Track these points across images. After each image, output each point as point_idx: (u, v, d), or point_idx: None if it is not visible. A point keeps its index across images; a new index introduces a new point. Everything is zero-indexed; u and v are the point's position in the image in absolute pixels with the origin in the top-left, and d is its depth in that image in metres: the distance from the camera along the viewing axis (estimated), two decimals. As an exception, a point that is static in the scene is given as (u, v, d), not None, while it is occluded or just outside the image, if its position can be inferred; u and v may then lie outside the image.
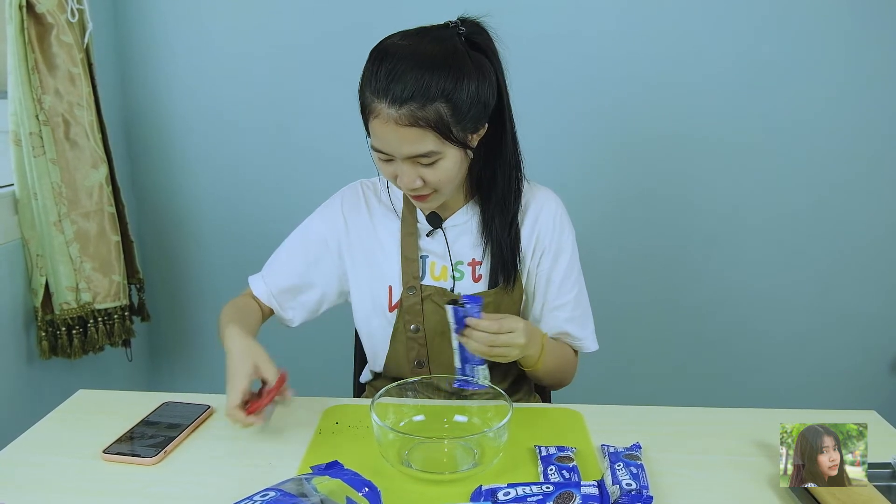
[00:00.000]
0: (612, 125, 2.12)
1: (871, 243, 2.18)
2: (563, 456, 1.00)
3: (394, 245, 1.27)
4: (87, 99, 1.73)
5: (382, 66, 1.04)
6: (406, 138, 1.04)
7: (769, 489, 0.96)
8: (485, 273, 1.26)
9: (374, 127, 1.07)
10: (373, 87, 1.05)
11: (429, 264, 1.27)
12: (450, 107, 1.04)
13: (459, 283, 1.26)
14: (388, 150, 1.08)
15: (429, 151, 1.06)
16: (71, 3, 1.67)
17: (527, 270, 1.29)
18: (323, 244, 1.31)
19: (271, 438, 1.09)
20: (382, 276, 1.27)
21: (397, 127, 1.03)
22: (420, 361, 1.28)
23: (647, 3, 2.01)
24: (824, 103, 2.07)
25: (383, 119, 1.04)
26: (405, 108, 1.02)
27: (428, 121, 1.03)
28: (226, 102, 2.14)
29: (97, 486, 0.96)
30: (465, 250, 1.27)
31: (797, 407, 1.20)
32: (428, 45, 1.05)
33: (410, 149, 1.06)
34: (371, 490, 0.83)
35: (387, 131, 1.05)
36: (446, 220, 1.28)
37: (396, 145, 1.06)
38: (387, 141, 1.06)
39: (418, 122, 1.03)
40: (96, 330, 1.79)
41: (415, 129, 1.03)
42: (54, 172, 1.66)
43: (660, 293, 2.26)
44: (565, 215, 1.30)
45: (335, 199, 1.34)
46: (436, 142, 1.06)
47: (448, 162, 1.09)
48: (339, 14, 2.05)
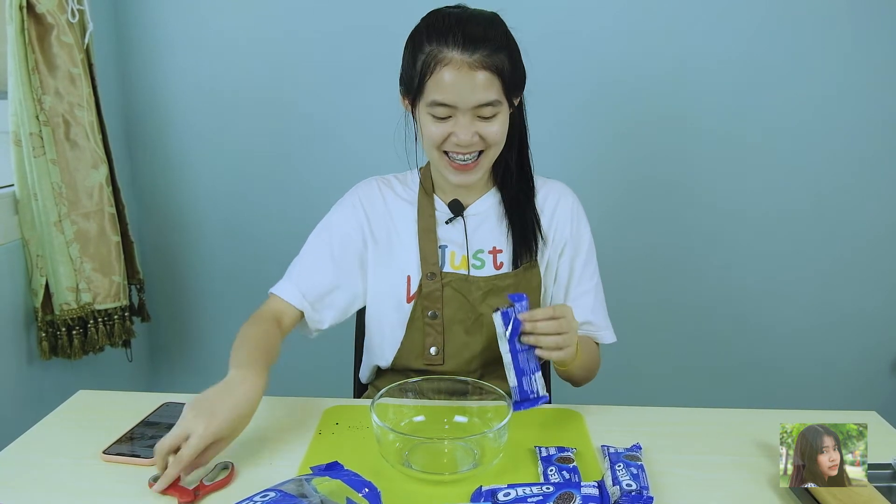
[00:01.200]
0: (613, 123, 2.12)
1: (873, 243, 2.18)
2: (563, 457, 1.00)
3: (411, 235, 1.28)
4: (87, 99, 1.72)
5: (451, 20, 1.10)
6: (478, 83, 1.09)
7: (770, 490, 0.96)
8: (506, 260, 1.27)
9: (440, 77, 1.09)
10: (442, 37, 1.09)
11: (448, 254, 1.27)
12: (510, 61, 1.11)
13: (479, 272, 1.27)
14: (453, 100, 1.10)
15: (493, 100, 1.11)
16: (71, 4, 1.67)
17: (546, 260, 1.30)
18: (347, 238, 1.29)
19: (271, 439, 1.09)
20: (400, 266, 1.28)
21: (470, 72, 1.08)
22: (436, 349, 1.27)
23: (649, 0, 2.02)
24: (826, 102, 2.07)
25: (455, 65, 1.08)
26: (478, 54, 1.08)
27: (497, 68, 1.09)
28: (226, 103, 2.14)
29: (97, 487, 0.96)
30: (486, 238, 1.28)
31: (798, 407, 1.20)
32: (482, 13, 1.14)
33: (480, 95, 1.10)
34: (371, 491, 0.83)
35: (458, 78, 1.08)
36: (468, 206, 1.29)
37: (467, 92, 1.09)
38: (456, 89, 1.09)
39: (489, 67, 1.08)
40: (96, 330, 1.79)
41: (486, 73, 1.08)
42: (54, 173, 1.66)
43: (660, 293, 2.26)
44: (581, 208, 1.34)
45: (351, 194, 1.34)
46: (500, 91, 1.11)
47: (502, 118, 1.15)
48: (339, 15, 2.05)
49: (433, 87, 1.11)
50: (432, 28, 1.12)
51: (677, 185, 2.16)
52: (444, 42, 1.08)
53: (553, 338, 1.05)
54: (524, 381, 1.08)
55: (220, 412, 0.95)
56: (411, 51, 1.15)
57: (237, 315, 2.28)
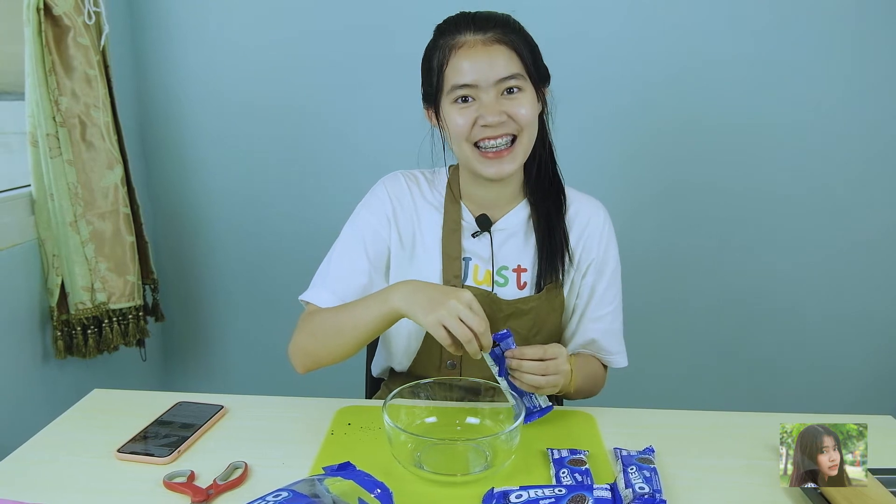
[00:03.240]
0: (623, 128, 2.11)
1: (889, 244, 2.16)
2: (575, 459, 1.00)
3: (435, 241, 1.24)
4: (103, 100, 1.74)
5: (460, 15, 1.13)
6: (496, 57, 1.09)
7: (783, 494, 0.95)
8: (530, 280, 1.24)
9: (457, 60, 1.10)
10: (453, 28, 1.11)
11: (472, 266, 1.24)
12: (526, 45, 1.12)
13: (502, 290, 1.23)
14: (474, 79, 1.10)
15: (515, 73, 1.10)
16: (88, 6, 1.68)
17: (570, 280, 1.26)
18: (377, 237, 1.24)
19: (284, 439, 1.09)
20: (421, 272, 1.23)
21: (486, 48, 1.09)
22: (452, 363, 1.25)
23: (657, 1, 2.01)
24: (839, 104, 2.05)
25: (469, 45, 1.09)
26: (491, 32, 1.10)
27: (513, 43, 1.10)
28: (240, 104, 2.15)
29: (111, 486, 0.96)
30: (512, 255, 1.24)
31: (811, 411, 1.19)
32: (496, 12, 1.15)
33: (500, 70, 1.09)
34: (383, 491, 0.83)
35: (475, 55, 1.09)
36: (497, 221, 1.25)
37: (486, 68, 1.09)
38: (475, 67, 1.09)
39: (505, 41, 1.09)
40: (111, 330, 1.80)
41: (503, 46, 1.09)
42: (70, 173, 1.68)
43: (673, 295, 2.25)
44: (612, 228, 1.29)
45: (378, 188, 1.28)
46: (520, 66, 1.11)
47: (530, 98, 1.13)
48: (354, 15, 2.05)
49: (452, 73, 1.11)
50: (443, 26, 1.15)
51: (689, 188, 2.15)
52: (457, 30, 1.11)
53: (535, 377, 1.05)
54: (525, 399, 1.10)
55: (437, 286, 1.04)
56: (427, 58, 1.15)
57: (250, 315, 2.32)
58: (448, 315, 0.97)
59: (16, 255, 1.65)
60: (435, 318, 0.98)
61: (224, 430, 1.13)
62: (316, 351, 1.16)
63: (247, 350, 2.36)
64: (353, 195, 1.34)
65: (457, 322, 0.97)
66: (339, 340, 1.11)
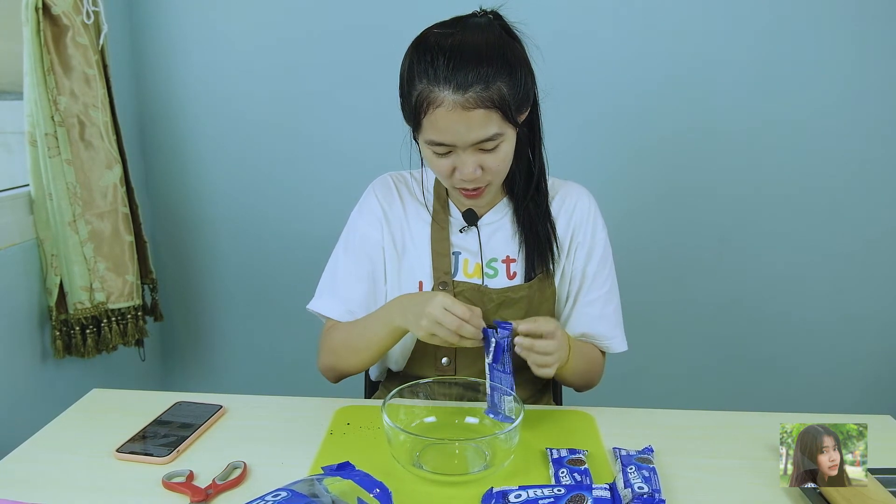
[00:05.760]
0: (624, 128, 2.11)
1: (889, 244, 2.16)
2: (574, 459, 1.00)
3: (425, 240, 1.26)
4: (101, 100, 1.74)
5: (438, 57, 1.04)
6: (474, 122, 1.04)
7: (783, 494, 0.95)
8: (519, 270, 1.25)
9: (434, 118, 1.05)
10: (431, 77, 1.04)
11: (461, 261, 1.25)
12: (509, 86, 1.05)
13: (492, 280, 1.24)
14: (451, 140, 1.07)
15: (494, 134, 1.06)
16: (86, 5, 1.68)
17: (561, 268, 1.28)
18: (373, 241, 1.28)
19: (283, 439, 1.09)
20: (413, 271, 1.26)
21: (464, 112, 1.03)
22: (448, 359, 1.26)
23: (657, 2, 2.01)
24: (839, 104, 2.05)
25: (447, 107, 1.03)
26: (471, 92, 1.02)
27: (493, 101, 1.03)
28: (240, 103, 2.15)
29: (110, 485, 0.96)
30: (500, 247, 1.26)
31: (811, 410, 1.19)
32: (475, 34, 1.06)
33: (477, 133, 1.05)
34: (382, 491, 0.83)
35: (452, 119, 1.04)
36: (482, 216, 1.27)
37: (463, 132, 1.05)
38: (452, 130, 1.05)
39: (485, 103, 1.03)
40: (110, 329, 1.80)
41: (481, 110, 1.03)
42: (69, 173, 1.68)
43: (673, 295, 2.25)
44: (598, 211, 1.30)
45: (368, 194, 1.32)
46: (500, 123, 1.06)
47: (507, 145, 1.11)
48: (353, 14, 2.05)
49: (429, 127, 1.07)
50: (421, 64, 1.06)
51: (690, 187, 2.15)
52: (435, 81, 1.03)
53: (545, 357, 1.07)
54: (495, 395, 1.10)
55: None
56: (406, 81, 1.10)
57: (249, 315, 2.32)
58: (430, 324, 1.04)
59: (15, 255, 1.65)
60: (423, 331, 1.06)
61: (223, 429, 1.13)
62: (340, 366, 1.26)
63: (246, 350, 2.36)
64: (352, 195, 1.35)
65: (439, 327, 1.04)
66: (358, 357, 1.23)
